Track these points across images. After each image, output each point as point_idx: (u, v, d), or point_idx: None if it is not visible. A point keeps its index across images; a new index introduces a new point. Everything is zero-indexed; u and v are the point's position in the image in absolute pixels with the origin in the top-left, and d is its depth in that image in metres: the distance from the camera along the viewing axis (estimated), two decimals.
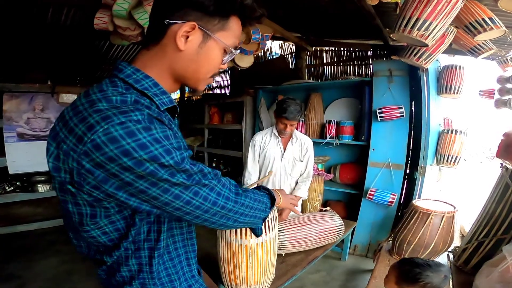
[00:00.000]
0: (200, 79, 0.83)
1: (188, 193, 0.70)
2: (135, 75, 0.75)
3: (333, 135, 3.50)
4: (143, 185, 0.65)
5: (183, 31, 0.74)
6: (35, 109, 3.74)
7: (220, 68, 0.86)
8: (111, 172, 0.63)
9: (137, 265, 0.80)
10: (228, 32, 0.79)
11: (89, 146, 0.61)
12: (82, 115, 0.65)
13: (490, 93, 2.86)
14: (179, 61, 0.78)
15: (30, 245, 3.44)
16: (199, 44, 0.77)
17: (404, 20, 1.73)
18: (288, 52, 5.26)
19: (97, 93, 0.69)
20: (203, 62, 0.80)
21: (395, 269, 1.44)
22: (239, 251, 1.65)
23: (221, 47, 0.80)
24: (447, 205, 2.34)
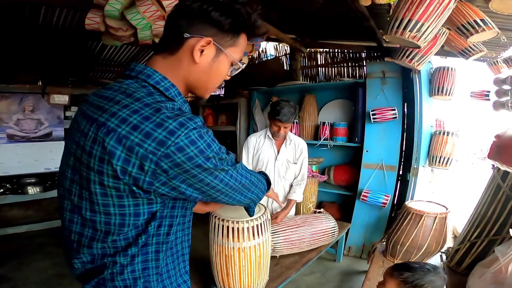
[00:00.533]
0: (208, 89, 0.91)
1: (226, 176, 0.81)
2: (163, 83, 0.81)
3: (327, 136, 3.50)
4: (204, 175, 0.75)
5: (200, 45, 0.80)
6: (25, 110, 3.68)
7: (225, 79, 0.92)
8: (185, 169, 0.71)
9: (142, 263, 0.81)
10: (237, 47, 0.86)
11: (172, 149, 0.68)
12: (156, 121, 0.69)
13: (481, 95, 2.88)
14: (193, 72, 0.84)
15: (20, 247, 3.39)
16: (213, 58, 0.83)
17: (397, 21, 1.73)
18: (282, 54, 5.26)
19: (148, 98, 0.74)
20: (214, 74, 0.87)
21: (394, 277, 1.41)
22: (232, 254, 1.64)
23: (229, 60, 0.87)
24: (439, 206, 2.35)
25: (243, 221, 1.60)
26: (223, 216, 1.63)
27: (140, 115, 0.70)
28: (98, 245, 0.78)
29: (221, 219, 1.63)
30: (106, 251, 0.79)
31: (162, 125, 0.69)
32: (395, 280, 1.39)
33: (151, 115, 0.70)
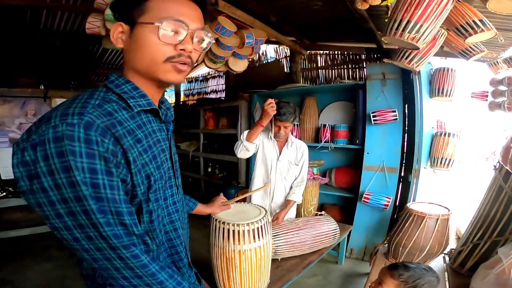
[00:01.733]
0: (154, 68, 0.82)
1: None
2: (117, 81, 0.83)
3: (328, 139, 3.50)
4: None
5: (114, 32, 0.82)
6: (27, 114, 3.70)
7: (177, 49, 0.81)
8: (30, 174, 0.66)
9: None
10: (149, 12, 0.79)
11: (28, 144, 0.65)
12: (45, 114, 0.70)
13: (482, 95, 2.87)
14: (127, 58, 0.85)
15: (22, 250, 3.40)
16: (129, 36, 0.81)
17: (395, 23, 1.73)
18: (282, 56, 5.27)
19: (75, 96, 0.76)
20: (138, 49, 0.81)
21: (394, 277, 1.40)
22: (233, 257, 1.64)
23: (148, 28, 0.78)
24: (441, 207, 2.34)
25: (244, 224, 1.60)
26: (224, 219, 1.63)
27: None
28: None
29: (222, 221, 1.62)
30: None
31: (41, 119, 0.69)
32: (395, 281, 1.39)
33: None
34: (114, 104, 0.77)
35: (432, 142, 3.07)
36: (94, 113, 0.69)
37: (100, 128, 0.68)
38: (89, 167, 0.66)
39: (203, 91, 7.12)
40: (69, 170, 0.64)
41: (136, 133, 0.79)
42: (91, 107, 0.71)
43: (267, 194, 2.60)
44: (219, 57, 2.97)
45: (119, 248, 0.71)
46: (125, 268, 0.73)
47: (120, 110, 0.78)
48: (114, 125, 0.73)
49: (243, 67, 3.36)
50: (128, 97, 0.80)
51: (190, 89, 7.45)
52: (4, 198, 3.75)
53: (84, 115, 0.67)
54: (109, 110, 0.74)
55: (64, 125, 0.64)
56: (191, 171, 5.48)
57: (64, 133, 0.64)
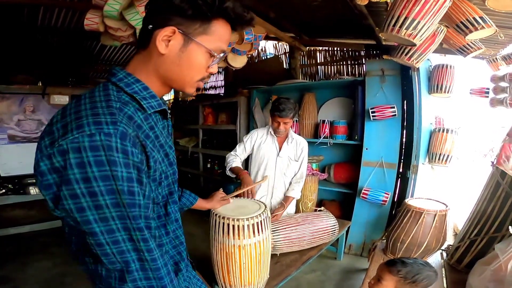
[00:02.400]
0: (186, 82, 0.85)
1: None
2: (127, 79, 0.80)
3: (327, 134, 3.51)
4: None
5: (163, 35, 0.77)
6: (25, 111, 3.69)
7: (208, 72, 0.87)
8: (60, 180, 0.66)
9: None
10: (211, 36, 0.80)
11: (55, 150, 0.65)
12: (65, 121, 0.69)
13: (481, 92, 2.88)
14: (163, 64, 0.81)
15: (23, 247, 3.40)
16: (180, 48, 0.79)
17: (393, 19, 1.73)
18: (282, 52, 5.25)
19: (87, 97, 0.74)
20: (186, 66, 0.82)
21: (393, 274, 1.41)
22: (232, 252, 1.65)
23: (203, 51, 0.81)
24: (439, 203, 2.35)
25: (244, 219, 1.61)
26: (223, 214, 1.64)
27: (62, 113, 0.73)
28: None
29: (222, 216, 1.64)
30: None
31: (65, 125, 0.68)
32: (394, 277, 1.40)
33: (68, 115, 0.71)
34: (130, 106, 0.77)
35: (430, 138, 3.08)
36: (123, 121, 0.70)
37: (132, 138, 0.70)
38: (128, 176, 0.68)
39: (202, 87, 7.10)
40: (109, 179, 0.65)
41: (151, 135, 0.81)
42: (118, 113, 0.71)
43: (267, 190, 2.61)
44: None
45: (144, 251, 0.73)
46: (139, 270, 0.74)
47: (136, 112, 0.78)
48: (137, 133, 0.74)
49: (242, 63, 3.35)
50: (140, 98, 0.80)
51: None
52: (3, 195, 3.75)
53: (118, 125, 0.68)
54: (129, 114, 0.75)
55: (102, 134, 0.65)
56: (190, 167, 5.49)
57: (103, 143, 0.64)
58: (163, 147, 0.87)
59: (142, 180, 0.72)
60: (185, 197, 1.43)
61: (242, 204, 1.84)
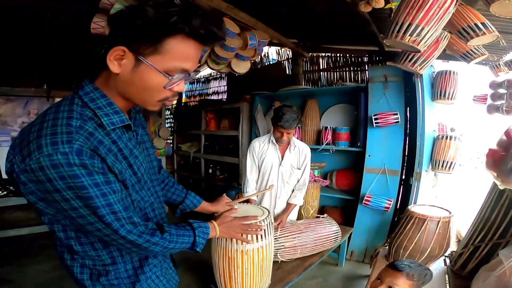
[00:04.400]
0: (145, 101, 0.87)
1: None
2: (92, 94, 0.84)
3: (329, 141, 3.50)
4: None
5: (113, 55, 0.77)
6: (30, 113, 3.72)
7: (173, 91, 0.85)
8: (40, 189, 0.77)
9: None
10: (164, 55, 0.77)
11: (28, 167, 0.73)
12: (28, 139, 0.75)
13: (483, 99, 2.88)
14: (119, 83, 0.83)
15: (22, 249, 3.41)
16: (132, 68, 0.79)
17: (397, 25, 1.74)
18: (285, 58, 5.28)
19: (52, 112, 0.79)
20: (140, 86, 0.82)
21: (407, 277, 1.39)
22: (235, 257, 1.64)
23: (155, 72, 0.79)
24: (442, 210, 2.34)
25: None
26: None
27: (32, 126, 0.80)
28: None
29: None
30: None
31: (29, 144, 0.74)
32: (409, 281, 1.38)
33: (33, 131, 0.77)
34: (92, 123, 0.81)
35: (433, 145, 3.07)
36: (80, 139, 0.75)
37: (88, 153, 0.76)
38: (94, 183, 0.77)
39: (205, 93, 7.13)
40: (73, 189, 0.75)
41: (113, 149, 0.85)
42: (76, 132, 0.75)
43: (270, 200, 2.59)
44: (222, 58, 2.99)
45: (124, 236, 0.86)
46: (131, 248, 0.91)
47: (97, 128, 0.82)
48: (97, 148, 0.79)
49: (245, 69, 3.37)
50: (102, 114, 0.83)
51: (192, 90, 7.47)
52: (4, 197, 3.75)
53: (73, 143, 0.73)
54: (90, 131, 0.79)
55: (58, 154, 0.71)
56: (192, 172, 5.49)
57: (60, 162, 0.72)
58: (126, 159, 0.91)
59: (110, 179, 0.81)
60: (189, 198, 1.46)
61: (246, 209, 1.83)
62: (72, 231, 0.92)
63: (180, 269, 3.04)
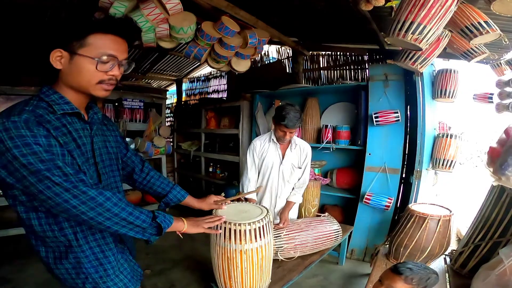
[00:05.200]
0: (86, 87, 1.06)
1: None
2: (47, 92, 1.05)
3: (329, 139, 3.50)
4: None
5: (54, 56, 1.01)
6: None
7: (108, 75, 1.06)
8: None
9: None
10: (89, 47, 1.01)
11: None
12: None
13: (484, 97, 2.87)
14: (63, 77, 1.06)
15: (22, 249, 3.40)
16: (69, 61, 1.02)
17: (399, 24, 1.73)
18: (285, 57, 5.27)
19: (16, 104, 1.00)
20: (77, 74, 1.03)
21: (405, 281, 1.39)
22: (234, 256, 1.64)
23: (87, 59, 1.01)
24: (443, 209, 2.34)
25: (245, 223, 1.60)
26: (225, 218, 1.63)
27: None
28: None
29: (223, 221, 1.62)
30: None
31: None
32: (408, 285, 1.38)
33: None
34: (44, 110, 1.00)
35: (434, 143, 3.07)
36: (28, 114, 0.95)
37: (35, 122, 0.94)
38: (37, 142, 0.92)
39: (205, 91, 7.12)
40: (19, 147, 0.90)
41: (62, 129, 1.03)
42: (26, 111, 0.95)
43: (270, 199, 2.58)
44: (222, 57, 2.98)
45: (70, 189, 0.96)
46: (80, 205, 0.97)
47: (48, 114, 1.01)
48: (44, 122, 0.97)
49: (246, 67, 3.36)
50: (54, 104, 1.03)
51: (192, 89, 7.45)
52: None
53: (22, 115, 0.93)
54: (40, 113, 0.98)
55: (9, 121, 0.90)
56: (192, 171, 5.49)
57: (10, 126, 0.90)
58: (75, 140, 1.07)
59: (51, 143, 0.96)
60: (173, 192, 1.51)
61: (244, 208, 1.83)
62: (32, 212, 1.05)
63: (181, 268, 3.05)
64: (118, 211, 1.03)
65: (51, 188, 0.94)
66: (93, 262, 1.14)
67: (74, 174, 0.98)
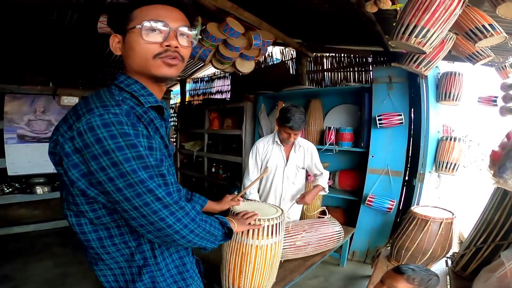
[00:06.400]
0: (145, 66, 0.90)
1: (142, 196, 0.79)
2: (127, 81, 0.92)
3: (332, 141, 3.50)
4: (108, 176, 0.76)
5: (112, 43, 0.94)
6: (36, 111, 3.75)
7: (164, 45, 0.89)
8: (85, 158, 0.76)
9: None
10: (134, 20, 0.89)
11: (75, 133, 0.75)
12: (75, 110, 0.81)
13: (489, 100, 2.87)
14: (126, 62, 0.94)
15: (25, 247, 3.42)
16: (123, 44, 0.92)
17: (402, 27, 1.74)
18: (288, 58, 5.28)
19: (94, 95, 0.86)
20: (131, 52, 0.90)
21: (407, 281, 1.39)
22: (249, 252, 1.62)
23: (134, 32, 0.88)
24: (445, 211, 2.33)
25: (265, 219, 1.60)
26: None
27: (73, 109, 0.84)
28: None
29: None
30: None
31: (77, 113, 0.79)
32: (410, 285, 1.39)
33: (78, 107, 0.82)
34: (130, 101, 0.87)
35: (437, 146, 3.06)
36: (127, 106, 0.83)
37: (135, 116, 0.83)
38: (138, 144, 0.78)
39: (208, 92, 7.16)
40: (123, 149, 0.75)
41: (152, 126, 0.91)
42: (122, 101, 0.83)
43: (274, 201, 2.57)
44: (226, 58, 3.00)
45: (171, 204, 0.83)
46: (176, 222, 0.84)
47: (136, 106, 0.88)
48: (141, 116, 0.86)
49: (250, 68, 3.38)
50: (138, 95, 0.90)
51: (195, 89, 7.50)
52: (10, 194, 3.78)
53: (121, 106, 0.80)
54: (131, 105, 0.86)
55: (110, 113, 0.76)
56: (195, 171, 5.51)
57: (112, 120, 0.75)
58: (163, 138, 0.95)
59: (152, 145, 0.84)
60: (194, 200, 1.45)
61: (259, 207, 1.83)
62: (103, 230, 0.89)
63: None
64: (204, 225, 0.95)
65: (149, 205, 0.79)
66: (169, 280, 0.99)
67: (174, 183, 0.87)
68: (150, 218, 0.80)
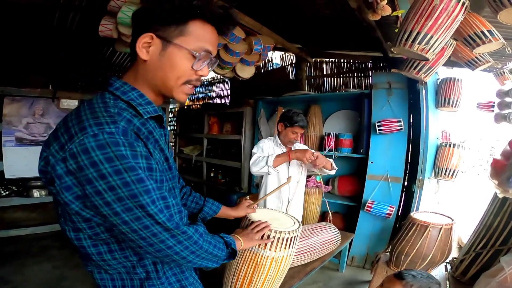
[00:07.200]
0: (172, 87, 0.86)
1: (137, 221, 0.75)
2: (123, 88, 0.84)
3: (332, 147, 3.51)
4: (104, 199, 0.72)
5: (142, 42, 0.81)
6: (35, 114, 3.73)
7: (197, 74, 0.87)
8: (79, 180, 0.71)
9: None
10: (188, 37, 0.82)
11: (67, 154, 0.70)
12: (67, 126, 0.74)
13: (488, 106, 2.88)
14: (148, 72, 0.85)
15: (22, 250, 3.40)
16: (160, 52, 0.82)
17: (405, 34, 1.75)
18: (288, 63, 5.31)
19: (86, 105, 0.79)
20: (168, 68, 0.83)
21: (405, 287, 1.39)
22: (264, 263, 1.54)
23: (183, 52, 0.82)
24: (445, 217, 2.34)
25: (285, 232, 1.52)
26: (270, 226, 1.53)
27: (64, 121, 0.77)
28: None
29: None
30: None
31: (68, 130, 0.72)
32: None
33: (69, 121, 0.75)
34: (127, 113, 0.80)
35: (437, 152, 3.07)
36: (123, 121, 0.75)
37: (133, 134, 0.75)
38: (137, 166, 0.72)
39: (208, 96, 7.17)
40: (121, 172, 0.69)
41: (150, 137, 0.84)
42: (117, 116, 0.75)
43: (281, 204, 2.55)
44: (227, 63, 3.01)
45: (172, 229, 0.79)
46: (176, 245, 0.81)
47: (133, 118, 0.80)
48: (139, 130, 0.79)
49: (250, 74, 3.39)
50: (136, 104, 0.83)
51: (194, 93, 7.50)
52: (7, 197, 3.76)
53: (118, 123, 0.72)
54: (128, 118, 0.78)
55: (104, 133, 0.69)
56: (194, 176, 5.49)
57: (107, 141, 0.69)
58: (163, 151, 0.89)
59: (152, 166, 0.78)
60: (207, 206, 1.39)
61: (275, 216, 1.76)
62: (102, 245, 0.85)
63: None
64: (207, 246, 0.91)
65: (149, 228, 0.75)
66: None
67: (176, 205, 0.83)
68: (149, 240, 0.77)
